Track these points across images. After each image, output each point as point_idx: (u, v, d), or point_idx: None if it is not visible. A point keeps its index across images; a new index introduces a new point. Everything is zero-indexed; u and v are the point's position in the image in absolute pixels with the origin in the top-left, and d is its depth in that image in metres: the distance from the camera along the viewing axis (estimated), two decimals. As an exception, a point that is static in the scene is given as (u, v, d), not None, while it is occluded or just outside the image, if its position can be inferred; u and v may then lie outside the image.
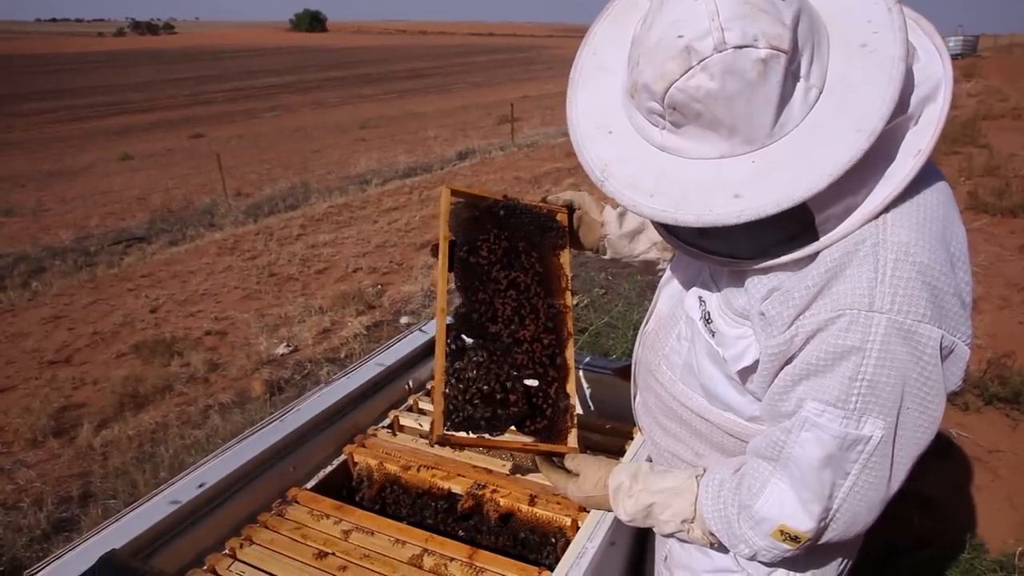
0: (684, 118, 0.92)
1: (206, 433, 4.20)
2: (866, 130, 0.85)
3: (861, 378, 0.94)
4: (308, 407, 1.83)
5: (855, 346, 0.93)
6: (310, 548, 1.46)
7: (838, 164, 0.85)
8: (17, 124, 23.81)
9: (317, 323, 5.88)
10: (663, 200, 0.94)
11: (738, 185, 0.90)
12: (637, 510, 1.26)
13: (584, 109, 1.08)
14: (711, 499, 1.17)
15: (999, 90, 20.32)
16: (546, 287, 1.52)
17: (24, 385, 5.24)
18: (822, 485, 1.01)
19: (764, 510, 1.08)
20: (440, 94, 29.90)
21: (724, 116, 0.89)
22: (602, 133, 1.04)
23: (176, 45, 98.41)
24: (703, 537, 1.20)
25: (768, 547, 1.10)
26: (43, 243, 9.12)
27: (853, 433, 0.96)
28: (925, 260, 0.93)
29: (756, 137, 0.90)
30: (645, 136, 1.00)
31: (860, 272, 0.93)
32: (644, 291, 5.77)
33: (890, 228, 0.94)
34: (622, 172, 0.99)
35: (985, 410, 3.90)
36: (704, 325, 1.17)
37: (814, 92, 0.90)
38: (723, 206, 0.90)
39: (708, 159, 0.93)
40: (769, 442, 1.06)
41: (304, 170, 13.73)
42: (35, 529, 3.47)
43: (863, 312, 0.92)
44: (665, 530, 1.25)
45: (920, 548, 2.88)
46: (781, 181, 0.88)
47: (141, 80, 40.15)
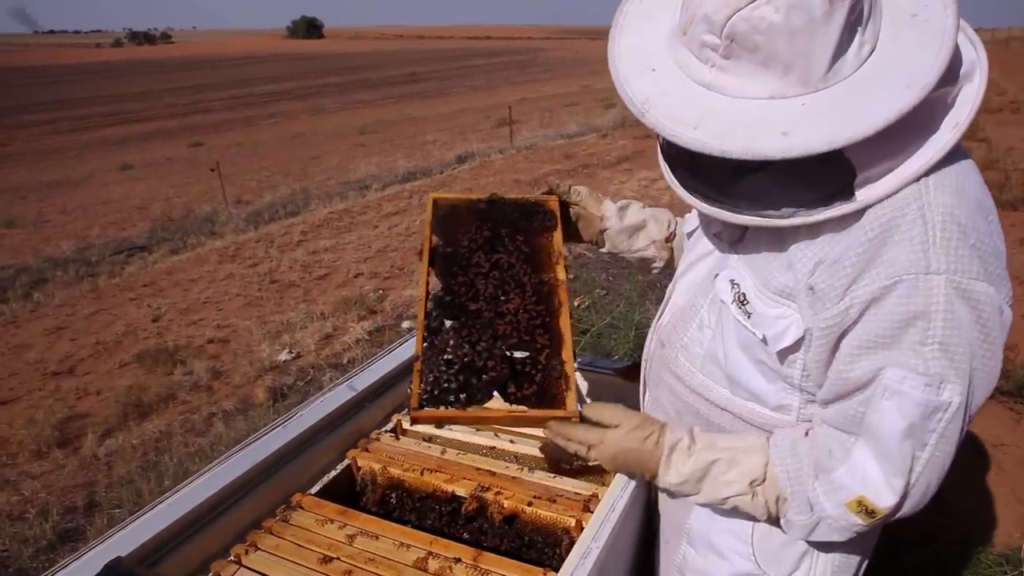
0: (740, 50, 0.92)
1: (210, 441, 4.21)
2: (917, 86, 0.88)
3: (931, 342, 0.94)
4: (311, 412, 1.83)
5: (920, 311, 0.93)
6: (315, 553, 1.46)
7: (888, 113, 0.87)
8: (17, 136, 23.83)
9: (319, 329, 5.88)
10: (707, 132, 0.94)
11: (786, 124, 0.91)
12: (695, 470, 1.18)
13: (626, 50, 1.09)
14: (786, 457, 1.12)
15: (997, 83, 20.30)
16: (534, 264, 1.49)
17: (28, 396, 5.25)
18: (904, 458, 0.99)
19: (845, 478, 1.04)
20: (438, 98, 29.91)
21: (783, 51, 0.90)
22: (644, 71, 1.04)
23: (174, 54, 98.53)
24: (763, 505, 1.16)
25: (839, 516, 1.07)
26: (44, 254, 9.13)
27: (934, 400, 0.95)
28: (968, 222, 0.94)
29: (810, 79, 0.92)
30: (691, 75, 1.00)
31: (911, 235, 0.94)
32: (645, 292, 5.77)
33: (932, 191, 0.95)
34: (664, 105, 0.99)
35: (988, 404, 3.87)
36: (738, 307, 1.15)
37: (867, 48, 0.93)
38: (770, 140, 0.90)
39: (757, 99, 0.94)
40: (845, 416, 1.03)
41: (304, 176, 13.74)
42: (41, 540, 3.47)
43: (921, 276, 0.93)
44: (722, 493, 1.17)
45: (925, 543, 2.88)
46: (831, 124, 0.89)
47: (139, 90, 40.18)
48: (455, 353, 1.36)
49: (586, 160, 12.46)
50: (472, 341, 1.37)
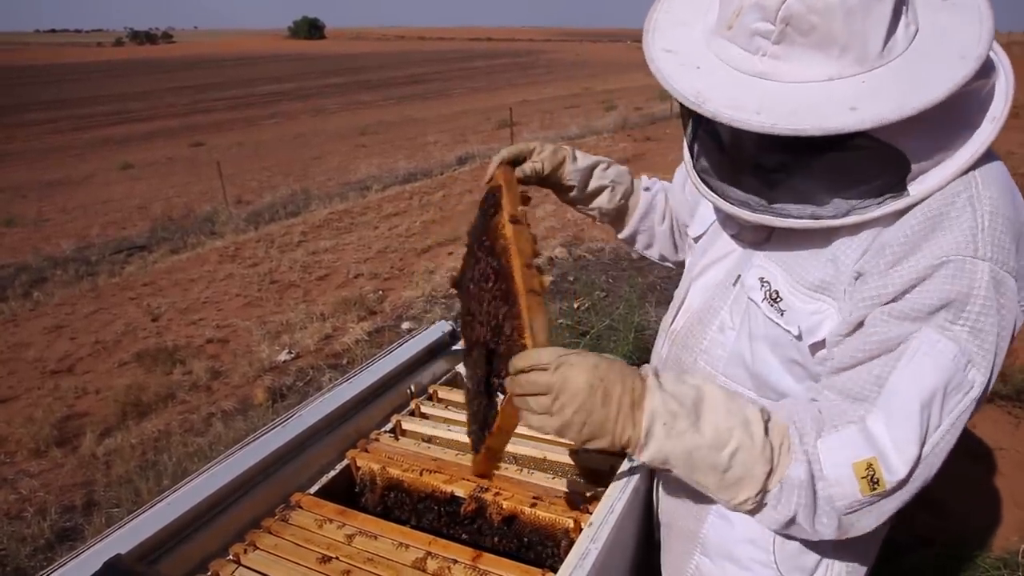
0: (796, 34, 0.92)
1: (209, 440, 4.21)
2: (971, 56, 0.89)
3: (963, 323, 0.94)
4: (310, 412, 1.83)
5: (963, 291, 0.93)
6: (314, 553, 1.46)
7: (952, 81, 0.88)
8: (17, 135, 23.84)
9: (319, 329, 5.89)
10: (771, 115, 0.92)
11: (852, 100, 0.90)
12: (686, 394, 1.02)
13: (663, 52, 1.06)
14: (790, 409, 1.06)
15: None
16: (493, 254, 1.32)
17: (27, 395, 5.25)
18: (922, 424, 0.93)
19: (856, 438, 0.97)
20: (439, 99, 29.94)
21: (839, 31, 0.90)
22: (689, 68, 1.02)
23: (175, 54, 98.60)
24: (768, 457, 0.99)
25: (836, 480, 0.97)
26: (44, 253, 9.14)
27: (960, 375, 0.94)
28: (1012, 216, 0.96)
29: (867, 57, 0.92)
30: (741, 68, 0.99)
31: (961, 222, 0.94)
32: (645, 294, 5.77)
33: (981, 185, 0.97)
34: (720, 96, 0.96)
35: (987, 408, 3.90)
36: (771, 305, 1.12)
37: (913, 28, 0.95)
38: (841, 116, 0.89)
39: (814, 82, 0.94)
40: (862, 379, 0.98)
41: (304, 177, 13.75)
42: (39, 539, 3.47)
43: (968, 259, 0.93)
44: (729, 422, 1.00)
45: (923, 547, 2.88)
46: (897, 94, 0.90)
47: (141, 89, 40.21)
48: (469, 407, 1.37)
49: (586, 162, 12.43)
50: (474, 377, 1.33)
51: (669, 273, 6.24)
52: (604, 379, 1.01)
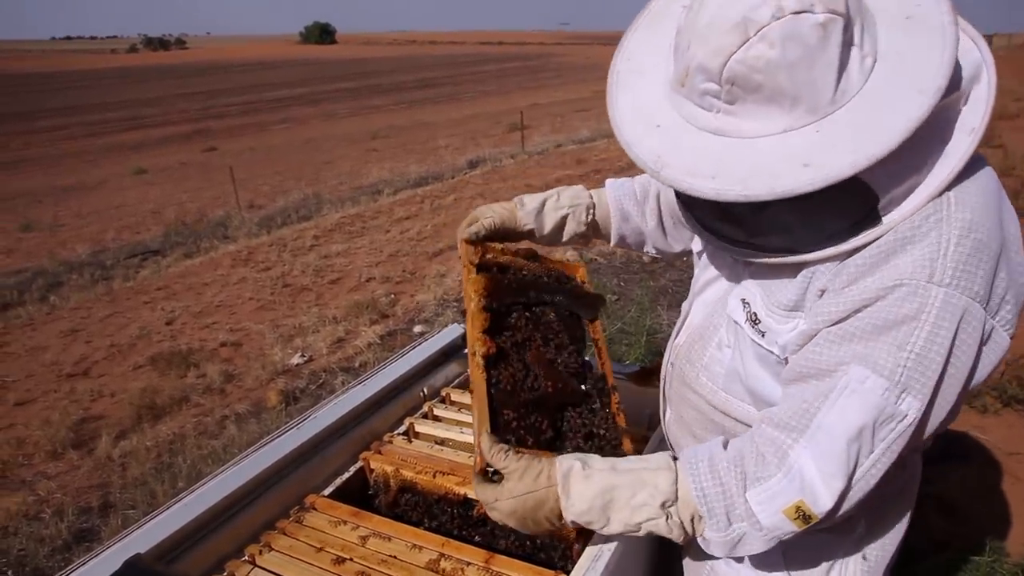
0: (743, 92, 0.91)
1: (223, 443, 4.23)
2: (929, 90, 0.86)
3: (910, 349, 0.92)
4: (324, 415, 1.85)
5: (910, 315, 0.92)
6: (328, 554, 1.47)
7: (907, 123, 0.85)
8: (33, 141, 24.08)
9: (331, 333, 5.91)
10: (727, 179, 0.91)
11: (805, 155, 0.89)
12: (596, 494, 1.09)
13: (626, 111, 1.07)
14: (703, 475, 1.07)
15: (1013, 90, 20.14)
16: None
17: (43, 398, 5.30)
18: (848, 459, 0.96)
19: (782, 484, 1.00)
20: (450, 103, 30.00)
21: (786, 85, 0.88)
22: (650, 128, 1.02)
23: (188, 60, 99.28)
24: (679, 526, 1.08)
25: (774, 526, 1.02)
26: (60, 258, 9.23)
27: (891, 408, 0.94)
28: (985, 238, 0.93)
29: (819, 105, 0.90)
30: (697, 124, 0.98)
31: (923, 245, 0.93)
32: (656, 297, 5.77)
33: (953, 205, 0.94)
34: (678, 161, 0.97)
35: (1003, 412, 3.87)
36: (751, 327, 1.14)
37: (869, 61, 0.91)
38: (793, 176, 0.88)
39: (770, 135, 0.92)
40: (796, 409, 1.00)
41: (316, 181, 13.82)
42: (56, 540, 3.51)
43: (922, 283, 0.92)
44: (633, 519, 1.09)
45: (939, 551, 2.86)
46: (852, 144, 0.87)
47: (154, 95, 40.52)
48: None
49: (598, 165, 12.47)
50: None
51: (681, 276, 6.24)
52: (526, 511, 1.14)
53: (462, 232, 1.58)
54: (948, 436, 3.63)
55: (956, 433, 3.66)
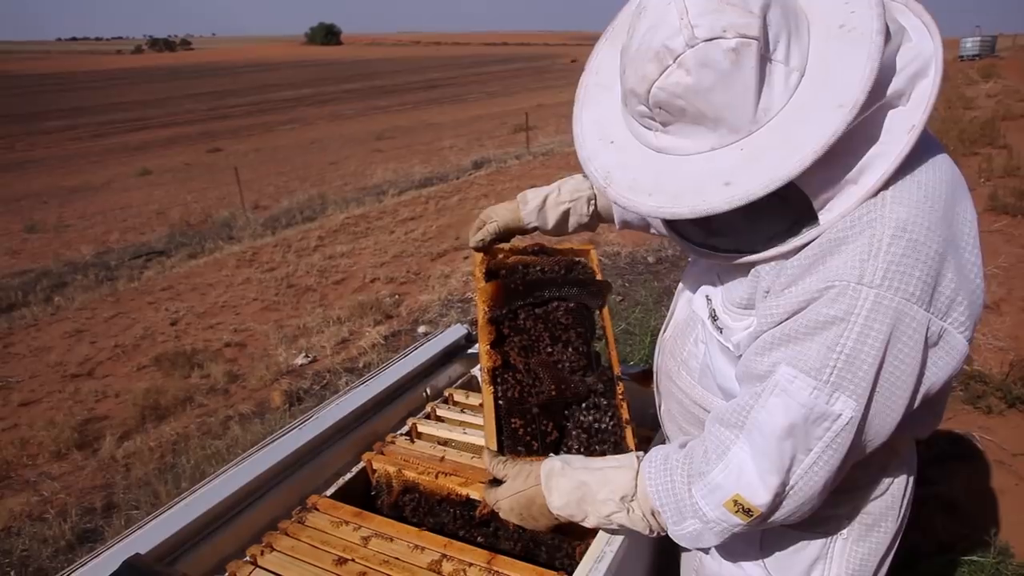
0: (671, 116, 0.94)
1: (227, 443, 4.23)
2: (848, 104, 0.86)
3: (840, 350, 0.93)
4: (327, 415, 1.84)
5: (839, 317, 0.93)
6: (330, 555, 1.47)
7: (822, 140, 0.86)
8: (39, 142, 24.18)
9: (335, 333, 5.91)
10: (660, 197, 0.97)
11: (728, 173, 0.92)
12: (571, 488, 1.19)
13: (588, 125, 1.12)
14: (656, 472, 1.13)
15: (1018, 90, 20.10)
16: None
17: (48, 398, 5.31)
18: (782, 457, 0.98)
19: (720, 477, 1.04)
20: (455, 104, 30.04)
21: (706, 108, 0.91)
22: (605, 144, 1.08)
23: (193, 61, 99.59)
24: (642, 519, 1.15)
25: (719, 519, 1.06)
26: (65, 258, 9.26)
27: (822, 407, 0.95)
28: (922, 238, 0.92)
29: (740, 125, 0.92)
30: (643, 141, 1.03)
31: (854, 246, 0.93)
32: (661, 297, 5.76)
33: (888, 205, 0.94)
34: (623, 177, 1.03)
35: (1008, 413, 3.85)
36: (712, 323, 1.19)
37: (795, 76, 0.92)
38: (714, 195, 0.92)
39: (700, 153, 0.96)
40: (736, 407, 1.04)
41: (321, 182, 13.85)
42: (60, 540, 3.51)
43: (852, 284, 0.92)
44: (602, 511, 1.18)
45: (943, 552, 2.84)
46: (769, 164, 0.89)
47: (159, 96, 40.65)
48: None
49: (602, 166, 12.42)
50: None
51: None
52: (521, 507, 1.26)
53: (471, 240, 1.67)
54: (953, 437, 3.62)
55: (960, 434, 3.65)
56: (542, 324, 1.60)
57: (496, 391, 1.47)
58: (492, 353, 1.51)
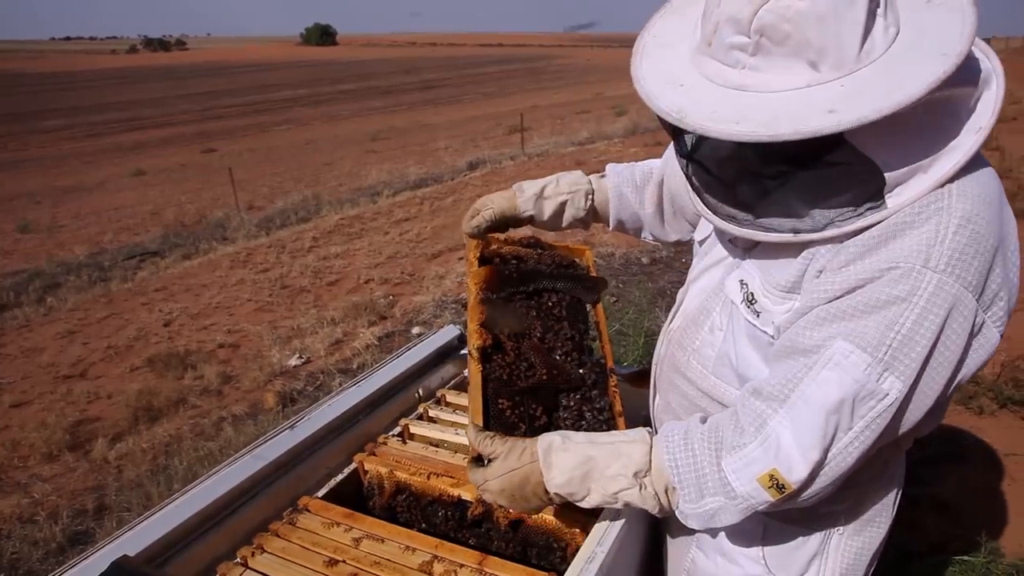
0: (771, 43, 0.93)
1: (219, 445, 4.22)
2: (952, 53, 0.88)
3: (898, 329, 0.94)
4: (319, 416, 1.84)
5: (901, 297, 0.94)
6: (321, 556, 1.47)
7: (928, 79, 0.87)
8: (32, 141, 24.09)
9: (329, 334, 5.91)
10: (751, 124, 0.93)
11: (831, 103, 0.90)
12: (576, 464, 1.14)
13: (649, 73, 1.09)
14: (677, 446, 1.11)
15: (1012, 92, 20.11)
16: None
17: (40, 399, 5.29)
18: (826, 432, 0.98)
19: (758, 451, 1.02)
20: (450, 105, 30.02)
21: (814, 37, 0.91)
22: (673, 86, 1.04)
23: (188, 61, 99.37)
24: (654, 496, 1.12)
25: (748, 494, 1.04)
26: (58, 259, 9.22)
27: (872, 384, 0.96)
28: (983, 231, 0.95)
29: (844, 61, 0.92)
30: (722, 81, 1.00)
31: (921, 232, 0.95)
32: (655, 298, 5.76)
33: (954, 196, 0.96)
34: (700, 110, 0.98)
35: (1000, 413, 3.87)
36: (747, 307, 1.17)
37: (892, 31, 0.94)
38: (818, 119, 0.89)
39: (793, 89, 0.94)
40: (781, 379, 1.02)
41: (315, 183, 13.82)
42: (51, 542, 3.50)
43: (917, 267, 0.94)
44: (610, 488, 1.14)
45: (935, 552, 2.86)
46: (874, 95, 0.89)
47: (154, 96, 40.54)
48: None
49: (597, 167, 12.34)
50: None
51: (680, 278, 6.23)
52: (513, 486, 1.19)
53: (465, 227, 1.64)
54: (945, 437, 3.63)
55: (953, 434, 3.66)
56: (535, 314, 1.57)
57: (485, 369, 1.43)
58: (482, 332, 1.46)
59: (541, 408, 1.45)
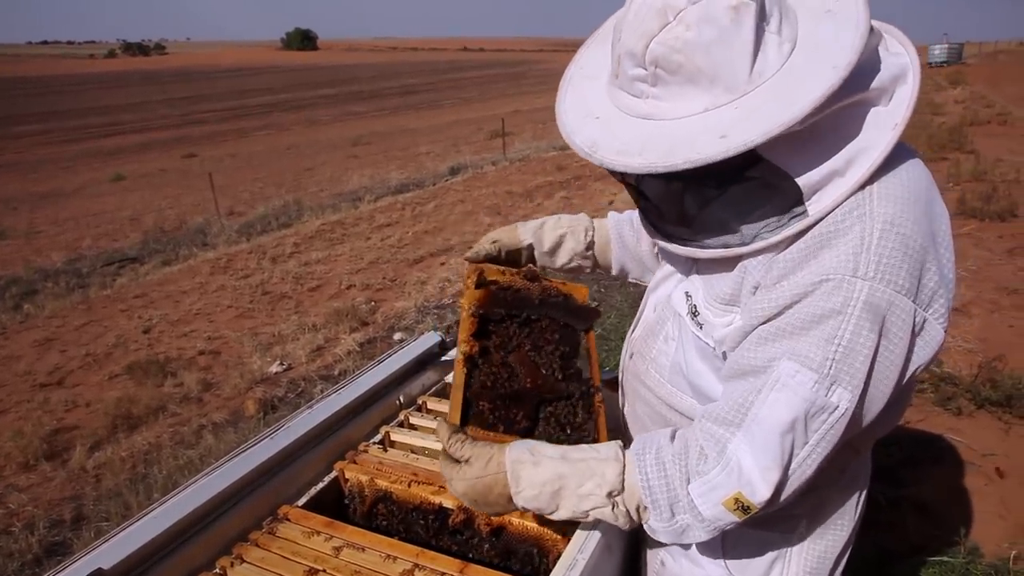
0: (666, 73, 0.96)
1: (200, 453, 4.19)
2: (841, 65, 0.90)
3: (838, 342, 0.96)
4: (299, 424, 1.83)
5: (836, 309, 0.96)
6: (301, 565, 1.45)
7: (817, 93, 0.89)
8: (9, 146, 23.79)
9: (310, 341, 5.87)
10: (652, 155, 0.97)
11: (723, 128, 0.93)
12: (546, 480, 1.14)
13: (571, 104, 1.15)
14: (651, 468, 1.11)
15: (984, 96, 20.50)
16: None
17: (16, 408, 5.22)
18: (783, 451, 1.00)
19: (720, 477, 1.04)
20: (431, 110, 30.00)
21: (704, 64, 0.94)
22: (590, 120, 1.09)
23: (168, 65, 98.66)
24: (625, 515, 1.13)
25: (715, 517, 1.06)
26: (35, 265, 9.11)
27: (822, 399, 0.97)
28: (909, 232, 0.96)
29: (736, 84, 0.95)
30: (630, 111, 1.04)
31: (847, 240, 0.96)
32: (636, 303, 5.76)
33: (876, 200, 0.97)
34: (609, 144, 1.03)
35: (978, 414, 3.91)
36: (691, 319, 1.20)
37: (787, 46, 0.96)
38: (710, 147, 0.92)
39: (692, 115, 0.97)
40: (732, 404, 1.04)
41: (297, 188, 13.76)
42: (27, 553, 3.45)
43: (847, 277, 0.95)
44: (581, 507, 1.14)
45: (914, 553, 2.88)
46: (765, 116, 0.91)
47: (133, 101, 40.20)
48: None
49: (578, 172, 12.51)
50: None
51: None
52: (477, 492, 1.19)
53: (467, 254, 1.69)
54: (923, 438, 3.67)
55: (931, 435, 3.70)
56: (526, 334, 1.59)
57: (469, 373, 1.44)
58: (471, 341, 1.49)
59: (522, 414, 1.45)
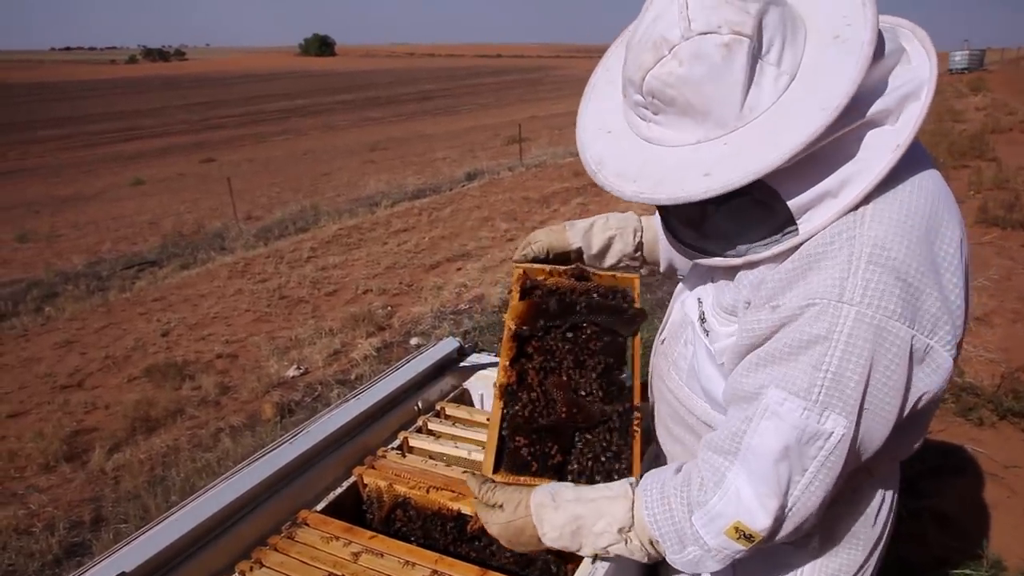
0: (662, 105, 0.98)
1: (217, 456, 4.21)
2: (829, 108, 0.88)
3: (825, 369, 0.95)
4: (317, 429, 1.83)
5: (821, 335, 0.94)
6: (320, 570, 1.46)
7: (801, 139, 0.88)
8: (32, 151, 24.11)
9: (327, 345, 5.89)
10: (644, 183, 1.00)
11: (709, 165, 0.94)
12: (565, 522, 1.21)
13: (591, 115, 1.16)
14: (655, 502, 1.14)
15: (1006, 103, 20.29)
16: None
17: (37, 410, 5.27)
18: (779, 479, 0.99)
19: (720, 506, 1.05)
20: (448, 116, 30.10)
21: (695, 100, 0.94)
22: (603, 133, 1.12)
23: (187, 71, 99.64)
24: (640, 548, 1.17)
25: (720, 546, 1.07)
26: (56, 268, 9.21)
27: (813, 426, 0.96)
28: (901, 257, 0.94)
29: (727, 120, 0.95)
30: (636, 131, 1.06)
31: (834, 263, 0.95)
32: (654, 309, 5.75)
33: (867, 223, 0.96)
34: (613, 164, 1.06)
35: (1000, 425, 3.86)
36: (700, 325, 1.22)
37: (785, 79, 0.95)
38: (693, 184, 0.94)
39: (687, 145, 0.99)
40: (728, 433, 1.05)
41: (314, 193, 13.84)
42: (47, 554, 3.48)
43: (832, 302, 0.94)
44: (599, 544, 1.20)
45: (936, 566, 2.84)
46: (749, 157, 0.92)
47: (153, 106, 40.63)
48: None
49: (595, 178, 12.46)
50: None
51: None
52: (511, 534, 1.29)
53: (515, 256, 1.72)
54: (944, 449, 3.62)
55: (952, 447, 3.66)
56: (569, 346, 1.58)
57: (505, 408, 1.48)
58: (508, 370, 1.51)
59: (557, 447, 1.46)
